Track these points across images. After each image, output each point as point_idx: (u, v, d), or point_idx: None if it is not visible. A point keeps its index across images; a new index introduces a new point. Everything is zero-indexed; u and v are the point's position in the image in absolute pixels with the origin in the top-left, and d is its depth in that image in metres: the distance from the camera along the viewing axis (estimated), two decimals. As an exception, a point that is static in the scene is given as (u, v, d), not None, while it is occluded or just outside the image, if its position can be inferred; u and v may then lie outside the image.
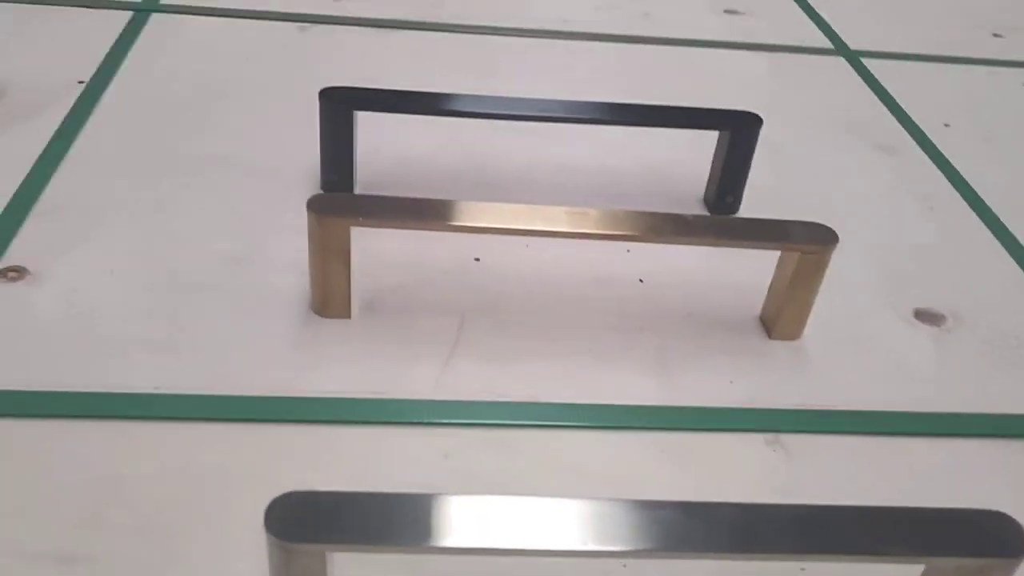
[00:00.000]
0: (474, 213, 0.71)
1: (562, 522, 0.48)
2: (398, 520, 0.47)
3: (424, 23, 1.23)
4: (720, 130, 0.88)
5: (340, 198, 0.70)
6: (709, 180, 0.92)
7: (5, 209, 0.81)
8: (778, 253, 0.75)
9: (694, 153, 0.95)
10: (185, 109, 0.98)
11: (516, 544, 0.47)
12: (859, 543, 0.50)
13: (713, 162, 0.91)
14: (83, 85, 0.99)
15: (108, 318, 0.71)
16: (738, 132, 0.87)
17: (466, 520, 0.48)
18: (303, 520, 0.47)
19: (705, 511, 0.50)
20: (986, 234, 0.94)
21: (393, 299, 0.77)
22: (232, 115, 0.98)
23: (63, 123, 0.93)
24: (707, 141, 0.92)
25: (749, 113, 0.88)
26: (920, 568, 0.55)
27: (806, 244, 0.72)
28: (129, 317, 0.72)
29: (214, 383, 0.67)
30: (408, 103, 0.86)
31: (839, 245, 0.72)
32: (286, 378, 0.68)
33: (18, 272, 0.74)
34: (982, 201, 0.98)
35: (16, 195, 0.82)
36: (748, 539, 0.49)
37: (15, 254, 0.76)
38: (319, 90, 0.83)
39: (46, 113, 0.94)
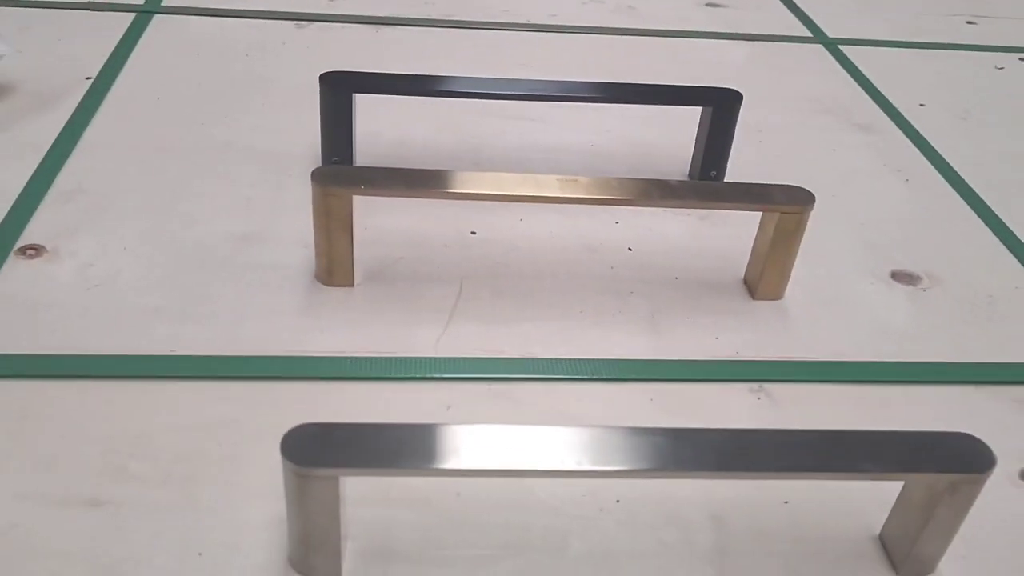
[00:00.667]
0: (470, 181, 0.75)
1: (558, 446, 0.52)
2: (405, 447, 0.51)
3: (416, 19, 1.27)
4: (703, 106, 0.92)
5: (342, 169, 0.74)
6: (693, 156, 0.96)
7: (21, 193, 0.84)
8: (759, 219, 0.79)
9: (678, 132, 0.99)
10: (189, 101, 1.02)
11: (515, 466, 0.51)
12: (839, 463, 0.54)
13: (696, 138, 0.95)
14: (90, 81, 1.03)
15: (123, 290, 0.75)
16: (720, 107, 0.91)
17: (468, 445, 0.51)
18: (317, 448, 0.50)
19: (693, 436, 0.54)
20: (960, 203, 0.98)
21: (395, 269, 0.80)
22: (234, 105, 1.02)
23: (73, 115, 0.97)
24: (690, 122, 0.96)
25: (730, 89, 0.92)
26: (896, 491, 0.59)
27: (785, 205, 0.76)
28: (143, 289, 0.75)
29: (226, 345, 0.70)
30: (404, 85, 0.90)
31: (819, 213, 0.76)
32: (294, 340, 0.72)
33: (36, 250, 0.78)
34: (956, 173, 1.03)
35: (31, 180, 0.86)
36: (734, 460, 0.53)
37: (33, 234, 0.80)
38: (319, 74, 0.87)
39: (56, 107, 0.98)
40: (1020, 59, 1.33)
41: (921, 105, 1.17)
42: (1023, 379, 0.75)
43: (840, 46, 1.31)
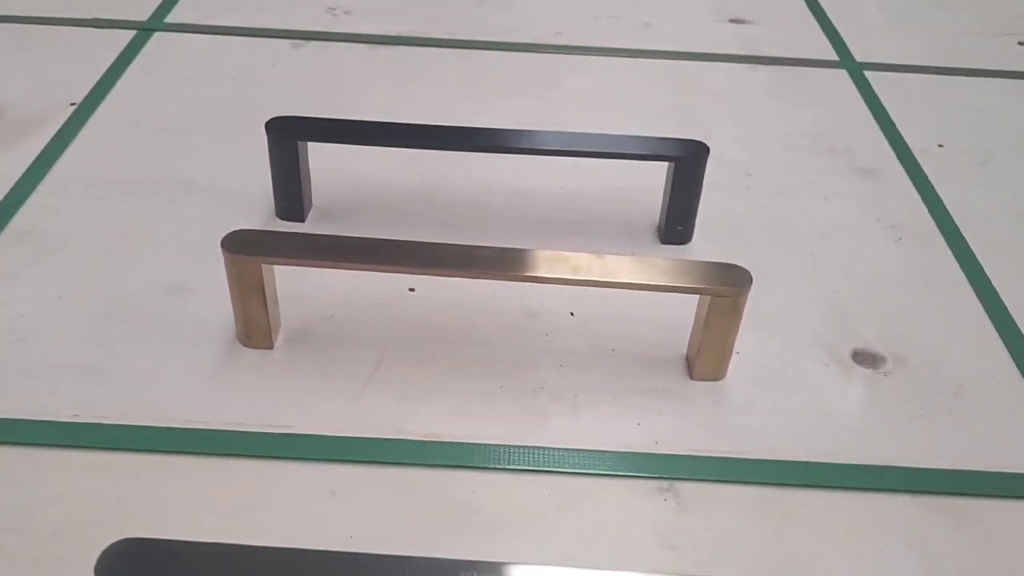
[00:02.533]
0: (385, 251, 0.72)
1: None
2: (222, 571, 0.50)
3: (416, 38, 1.24)
4: (666, 161, 0.87)
5: (253, 236, 0.73)
6: (661, 209, 0.91)
7: (-25, 234, 0.87)
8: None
9: (650, 180, 0.94)
10: (165, 132, 1.03)
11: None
12: None
13: (664, 191, 0.90)
14: (74, 107, 1.05)
15: (45, 344, 0.76)
16: (684, 163, 0.86)
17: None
18: (131, 570, 0.50)
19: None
20: (954, 270, 0.90)
21: (321, 330, 0.79)
22: (207, 139, 1.02)
23: (47, 146, 0.98)
24: (664, 168, 0.91)
25: (696, 143, 0.87)
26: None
27: (718, 287, 0.71)
28: (65, 343, 0.76)
29: (130, 411, 0.71)
30: (352, 134, 0.87)
31: (791, 274, 0.70)
32: (198, 407, 0.71)
33: (-26, 297, 0.80)
34: (958, 231, 0.94)
35: (-12, 220, 0.88)
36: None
37: (-24, 278, 0.82)
38: (265, 122, 0.86)
39: (34, 136, 1.00)
40: (1071, 89, 1.22)
41: (940, 146, 1.08)
42: (968, 491, 0.69)
43: (866, 72, 1.22)
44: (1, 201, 0.90)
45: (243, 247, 0.71)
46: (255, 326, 0.75)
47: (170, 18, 1.25)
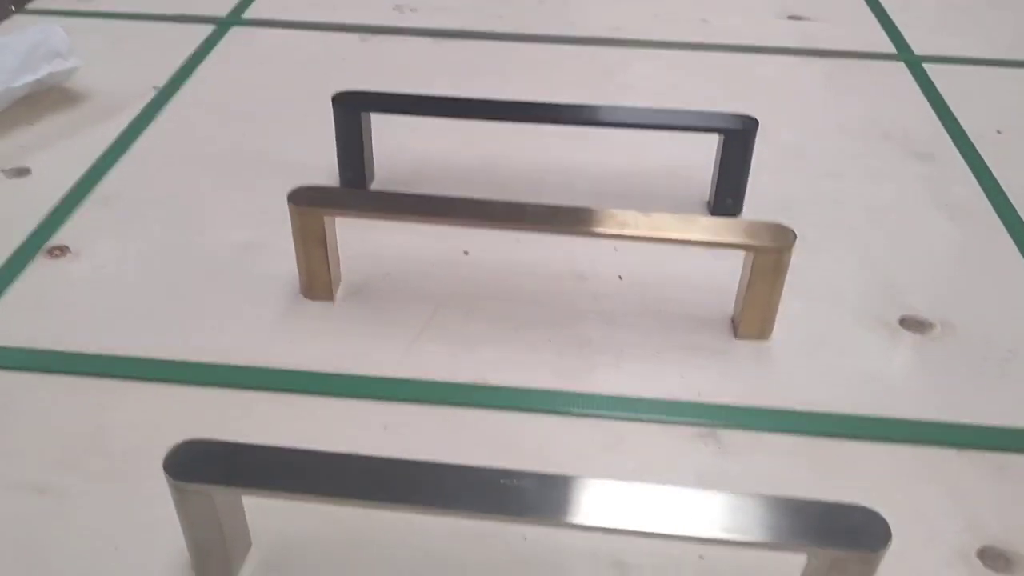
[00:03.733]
0: (444, 207, 0.76)
1: (451, 485, 0.53)
2: (283, 469, 0.53)
3: (479, 32, 1.29)
4: (716, 133, 0.89)
5: (318, 190, 0.77)
6: (711, 183, 0.93)
7: (65, 197, 0.93)
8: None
9: (702, 157, 0.96)
10: (239, 114, 1.08)
11: (398, 500, 0.52)
12: (742, 529, 0.51)
13: (714, 165, 0.92)
14: (156, 90, 1.12)
15: (126, 292, 0.81)
16: (734, 135, 0.88)
17: (349, 475, 0.53)
18: (198, 464, 0.53)
19: (594, 487, 0.53)
20: (1008, 245, 0.90)
21: (379, 285, 0.83)
22: (279, 120, 1.07)
23: (131, 123, 1.05)
24: (715, 145, 0.93)
25: (746, 116, 0.88)
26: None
27: (762, 243, 0.72)
28: (143, 292, 0.81)
29: (200, 352, 0.75)
30: (414, 105, 0.92)
31: (840, 247, 0.71)
32: (262, 351, 0.75)
33: (61, 251, 0.86)
34: (1015, 211, 0.94)
35: (76, 185, 0.94)
36: (603, 514, 0.52)
37: (65, 235, 0.88)
38: (332, 95, 0.91)
39: (120, 115, 1.07)
40: None
41: (998, 132, 1.08)
42: (1015, 447, 0.68)
43: (924, 64, 1.22)
44: (89, 170, 0.97)
45: (308, 200, 0.76)
46: (317, 279, 0.79)
47: (247, 14, 1.32)
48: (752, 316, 0.76)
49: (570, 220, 0.75)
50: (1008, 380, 0.74)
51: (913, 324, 0.80)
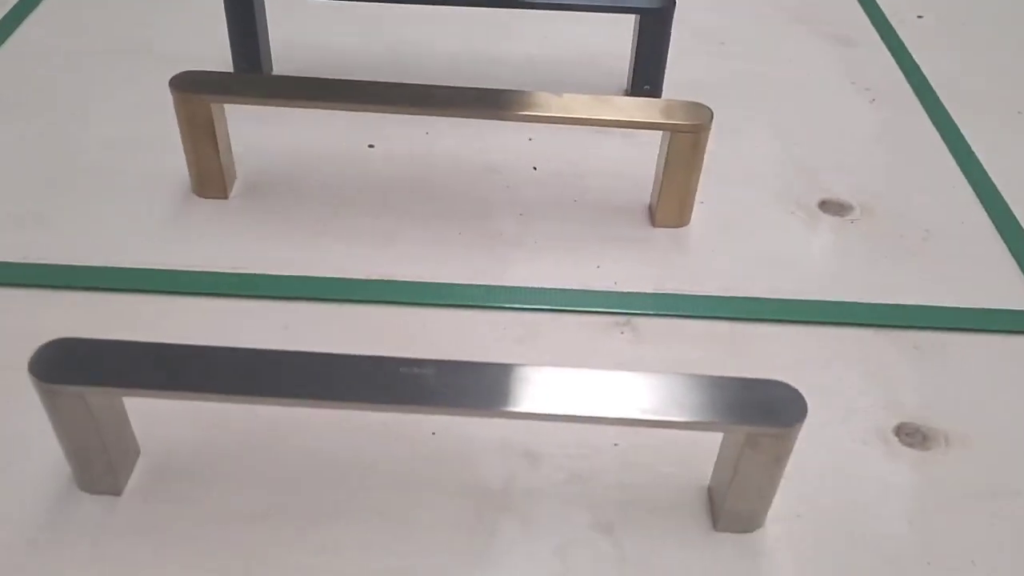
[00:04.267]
0: (338, 91, 0.71)
1: (342, 374, 0.49)
2: (151, 364, 0.49)
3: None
4: (632, 13, 0.84)
5: (203, 75, 0.71)
6: (629, 68, 0.89)
7: (-73, 95, 0.85)
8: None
9: (619, 43, 0.92)
10: (122, 2, 1.00)
11: (264, 392, 0.48)
12: (658, 410, 0.49)
13: (631, 49, 0.87)
14: (31, -19, 1.02)
15: (-4, 194, 0.75)
16: (651, 15, 0.83)
17: (221, 367, 0.49)
18: (66, 365, 0.49)
19: (500, 372, 0.50)
20: (927, 126, 0.88)
21: (277, 182, 0.77)
22: (166, 8, 0.99)
23: (7, 15, 0.96)
24: (631, 29, 0.88)
25: (662, -6, 0.84)
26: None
27: (678, 122, 0.69)
28: (17, 193, 0.74)
29: (80, 254, 0.69)
30: (309, -12, 0.85)
31: (760, 132, 0.68)
32: (151, 252, 0.70)
33: (-77, 152, 0.78)
34: (933, 92, 0.92)
35: (-59, 82, 0.86)
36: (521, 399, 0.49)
37: (-71, 135, 0.80)
38: (219, -25, 0.84)
39: (-7, 6, 0.98)
40: (1057, -35, 1.18)
41: (919, 17, 1.05)
42: (932, 324, 0.67)
43: (847, -51, 1.18)
44: (-46, 65, 0.88)
45: (193, 85, 0.69)
46: (208, 174, 0.73)
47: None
48: (669, 202, 0.73)
49: (480, 103, 0.70)
50: (924, 259, 0.73)
51: (832, 207, 0.78)
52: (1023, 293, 0.70)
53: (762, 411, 0.49)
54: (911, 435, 0.60)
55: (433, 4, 0.88)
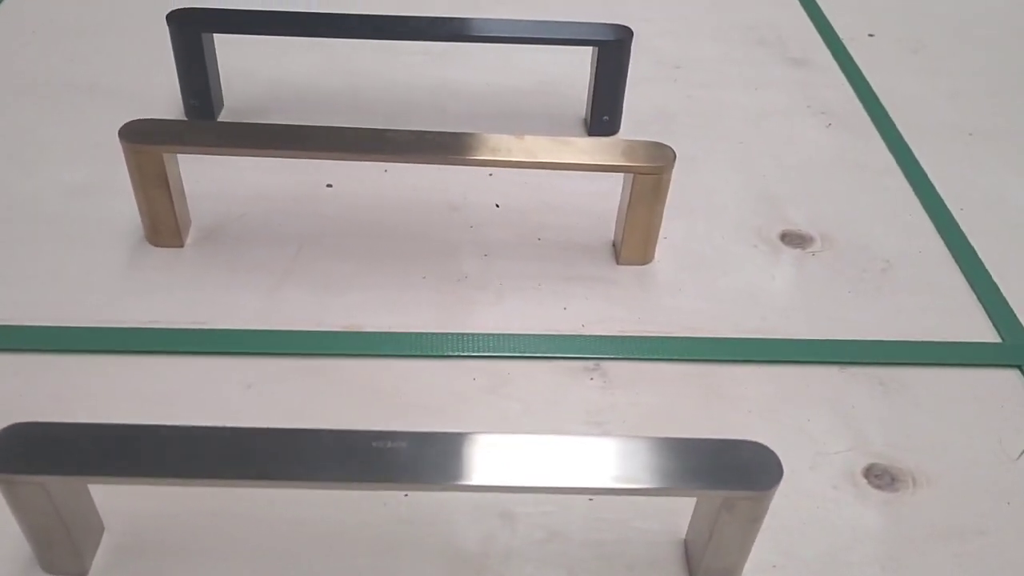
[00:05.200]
0: (293, 137, 0.69)
1: (308, 450, 0.48)
2: (114, 448, 0.47)
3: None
4: (589, 45, 0.84)
5: (154, 124, 0.69)
6: (587, 100, 0.88)
7: None
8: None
9: (577, 73, 0.91)
10: (67, 36, 0.97)
11: (225, 475, 0.47)
12: (633, 477, 0.48)
13: (590, 80, 0.87)
14: (-35, 12, 0.99)
15: (-62, 249, 0.72)
16: (608, 47, 0.83)
17: (179, 449, 0.48)
18: (25, 451, 0.47)
19: (474, 443, 0.49)
20: (883, 152, 0.89)
21: (234, 227, 0.76)
22: (113, 41, 0.96)
23: (-63, 52, 0.93)
24: (588, 59, 0.88)
25: (620, 26, 0.84)
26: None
27: (641, 164, 0.69)
28: (-40, 248, 0.72)
29: (31, 313, 0.67)
30: (259, 23, 0.83)
31: (720, 161, 0.68)
32: (105, 306, 0.68)
33: None
34: (888, 116, 0.93)
35: None
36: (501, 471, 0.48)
37: None
38: (166, 14, 0.81)
39: (-78, 42, 0.94)
40: (1000, -20, 1.21)
41: (870, 35, 1.07)
42: (896, 359, 0.68)
43: (797, -34, 1.19)
44: None
45: (142, 136, 0.67)
46: (162, 222, 0.71)
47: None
48: (633, 240, 0.73)
49: (440, 147, 0.69)
50: (885, 293, 0.74)
51: (794, 239, 0.79)
52: (982, 324, 0.72)
53: (737, 475, 0.48)
54: (879, 476, 0.61)
55: (390, 39, 0.86)
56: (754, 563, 0.55)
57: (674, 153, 0.70)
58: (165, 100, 0.88)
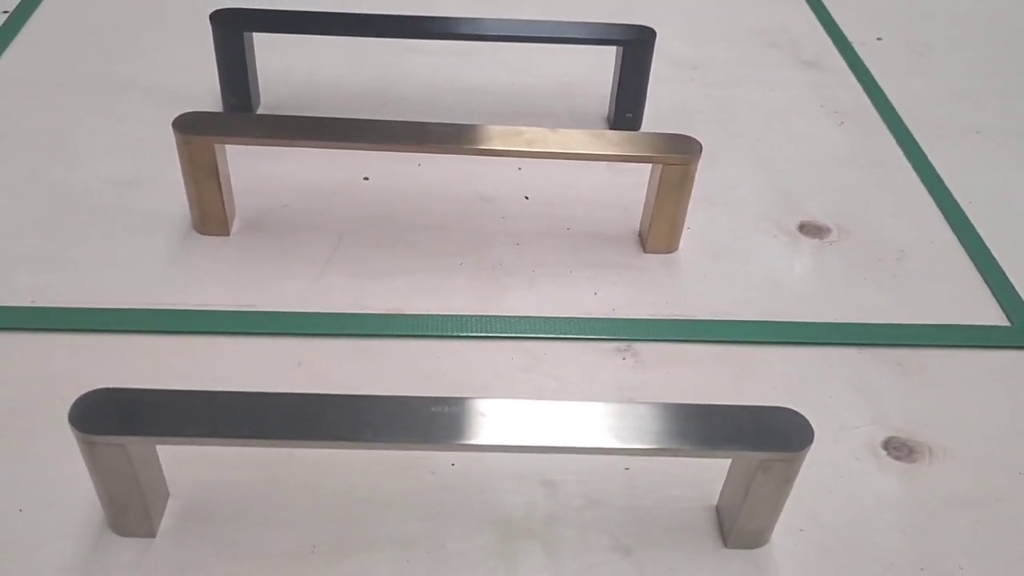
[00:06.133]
0: (337, 129, 0.72)
1: (369, 415, 0.51)
2: (193, 413, 0.51)
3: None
4: (614, 45, 0.88)
5: (206, 116, 0.72)
6: (610, 98, 0.92)
7: (-86, 135, 0.84)
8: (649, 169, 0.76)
9: (600, 72, 0.95)
10: (106, 33, 1.00)
11: (301, 437, 0.50)
12: (668, 439, 0.52)
13: (613, 79, 0.91)
14: (7, 14, 1.02)
15: (-4, 237, 0.75)
16: (632, 46, 0.87)
17: (256, 413, 0.51)
18: (105, 415, 0.50)
19: (524, 408, 0.52)
20: (894, 149, 0.93)
21: (276, 218, 0.79)
22: (151, 40, 1.00)
23: (-16, 47, 0.96)
24: (612, 59, 0.91)
25: (642, 27, 0.87)
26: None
27: (668, 155, 0.72)
28: (15, 236, 0.75)
29: (88, 296, 0.70)
30: (299, 23, 0.87)
31: (737, 157, 0.71)
32: (156, 291, 0.71)
33: (-83, 194, 0.78)
34: (897, 115, 0.97)
35: (-74, 121, 0.86)
36: (534, 433, 0.52)
37: (-81, 177, 0.80)
38: (209, 13, 0.85)
39: (-33, 42, 0.97)
40: (1003, -14, 1.25)
41: (879, 39, 1.10)
42: (912, 342, 0.72)
43: (806, -28, 1.23)
44: (-62, 103, 0.88)
45: (195, 127, 0.71)
46: (210, 212, 0.75)
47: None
48: (660, 230, 0.76)
49: (476, 139, 0.73)
50: (900, 279, 0.78)
51: (812, 229, 0.82)
52: (991, 309, 0.75)
53: (773, 438, 0.52)
54: (898, 448, 0.64)
55: (418, 39, 0.90)
56: (782, 528, 0.58)
57: (700, 145, 0.73)
58: (204, 97, 0.91)
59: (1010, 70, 1.07)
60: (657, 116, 0.93)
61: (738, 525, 0.56)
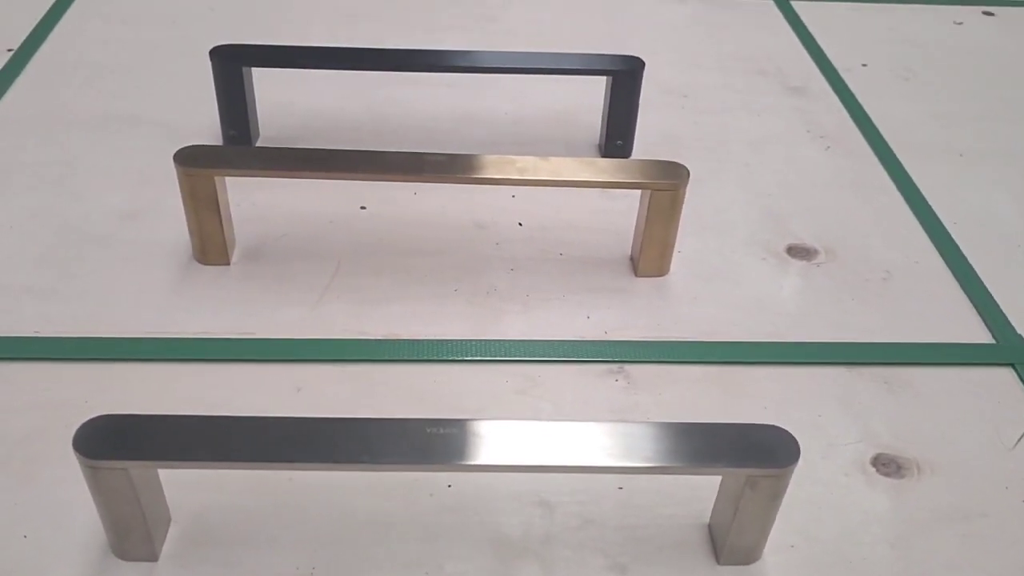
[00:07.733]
0: (335, 161, 0.74)
1: (367, 437, 0.53)
2: (194, 437, 0.52)
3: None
4: (604, 75, 0.90)
5: (206, 149, 0.74)
6: (601, 126, 0.94)
7: (-80, 171, 0.86)
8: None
9: (590, 101, 0.97)
10: (107, 71, 1.03)
11: (294, 459, 0.52)
12: (659, 457, 0.53)
13: (603, 107, 0.93)
14: (11, 52, 1.04)
15: (1, 269, 0.76)
16: (621, 76, 0.89)
17: (251, 437, 0.52)
18: (108, 440, 0.51)
19: (519, 429, 0.54)
20: (879, 171, 0.95)
21: (275, 247, 0.81)
22: (151, 76, 1.02)
23: (-11, 84, 0.98)
24: (602, 88, 0.94)
25: (631, 57, 0.90)
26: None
27: (658, 180, 0.74)
28: (20, 268, 0.77)
29: (92, 326, 0.72)
30: (296, 58, 0.89)
31: (726, 182, 0.73)
32: (158, 320, 0.72)
33: (-76, 229, 0.80)
34: (882, 139, 0.99)
35: (-68, 157, 0.88)
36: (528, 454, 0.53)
37: (-75, 212, 0.82)
38: (209, 49, 0.87)
39: (-28, 80, 0.99)
40: (984, 13, 1.28)
41: (863, 65, 1.13)
42: (898, 360, 0.73)
43: (792, 1, 1.26)
44: (-57, 140, 0.90)
45: (195, 160, 0.73)
46: (211, 242, 0.76)
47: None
48: (650, 254, 0.78)
49: (471, 168, 0.75)
50: (887, 299, 0.79)
51: (799, 252, 0.84)
52: (976, 327, 0.77)
53: (759, 454, 0.53)
54: (887, 465, 0.66)
55: (415, 71, 0.92)
56: (773, 544, 0.59)
57: (687, 171, 0.75)
58: (204, 130, 0.93)
59: (990, 94, 1.09)
60: (647, 143, 0.95)
61: (730, 542, 0.57)
